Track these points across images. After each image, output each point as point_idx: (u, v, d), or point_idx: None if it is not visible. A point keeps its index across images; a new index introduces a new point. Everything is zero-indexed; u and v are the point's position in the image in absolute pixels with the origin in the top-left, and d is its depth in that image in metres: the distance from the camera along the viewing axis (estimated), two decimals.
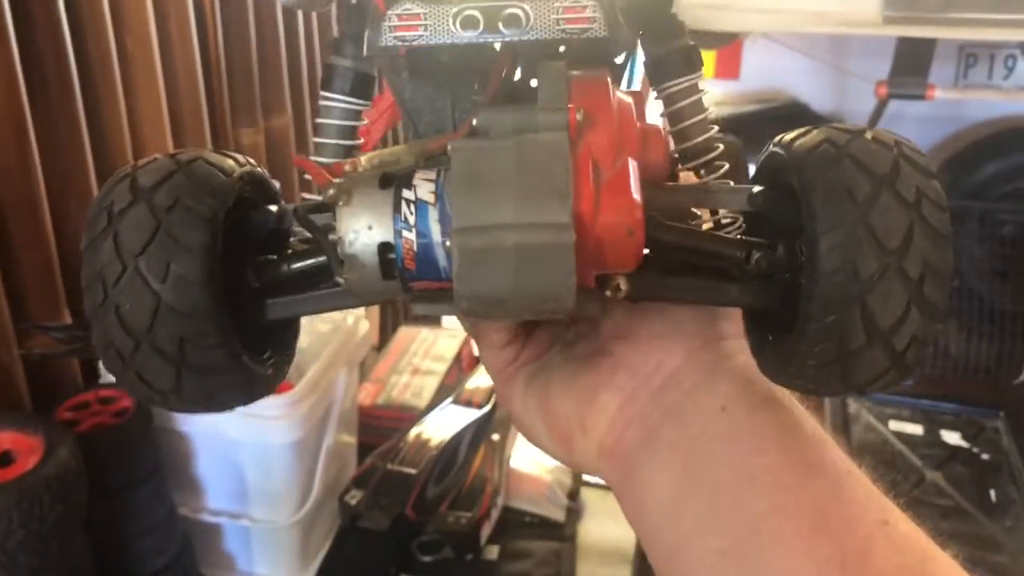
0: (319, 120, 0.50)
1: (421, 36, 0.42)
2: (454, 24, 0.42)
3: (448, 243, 0.39)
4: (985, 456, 2.05)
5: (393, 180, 0.42)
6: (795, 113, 2.74)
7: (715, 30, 2.14)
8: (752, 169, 0.52)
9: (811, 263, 0.38)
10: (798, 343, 0.40)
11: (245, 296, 0.45)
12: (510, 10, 0.42)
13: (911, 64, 2.13)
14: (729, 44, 2.53)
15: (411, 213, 0.41)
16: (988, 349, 2.34)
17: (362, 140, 0.51)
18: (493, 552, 1.37)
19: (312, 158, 0.49)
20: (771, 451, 0.44)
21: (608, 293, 0.43)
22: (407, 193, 0.41)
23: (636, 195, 0.39)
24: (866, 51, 2.51)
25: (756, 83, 2.79)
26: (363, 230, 0.41)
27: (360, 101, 0.50)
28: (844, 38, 2.45)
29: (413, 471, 1.39)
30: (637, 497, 0.48)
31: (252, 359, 0.45)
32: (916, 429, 2.13)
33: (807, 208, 0.38)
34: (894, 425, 2.13)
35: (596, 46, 0.43)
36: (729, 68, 2.75)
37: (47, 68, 1.20)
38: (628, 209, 0.39)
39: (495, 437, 1.49)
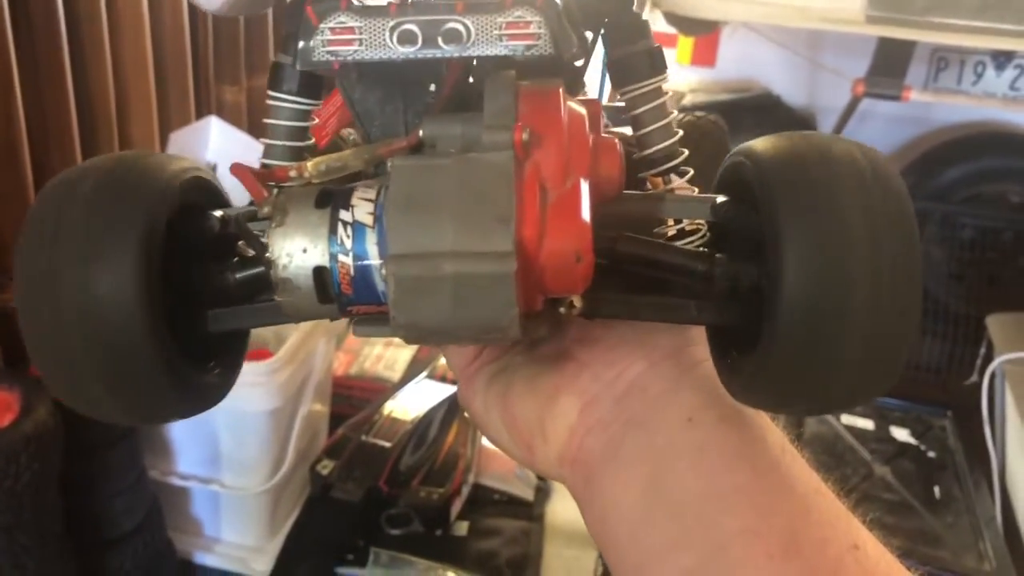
0: (267, 120, 0.47)
1: (356, 51, 0.40)
2: (391, 39, 0.40)
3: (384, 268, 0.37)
4: (932, 454, 2.09)
5: (331, 199, 0.40)
6: (768, 104, 2.75)
7: (698, 17, 2.13)
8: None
9: (775, 286, 0.37)
10: (762, 366, 0.38)
11: (188, 305, 0.42)
12: (450, 25, 0.40)
13: (889, 64, 2.14)
14: (709, 32, 2.53)
15: (348, 236, 0.39)
16: (940, 350, 2.38)
17: (313, 140, 0.48)
18: (462, 528, 1.37)
19: (262, 160, 0.47)
20: (740, 468, 0.42)
21: (562, 310, 0.42)
22: (344, 214, 0.39)
23: (585, 217, 0.37)
24: (842, 47, 2.53)
25: (731, 72, 2.80)
26: (297, 253, 0.39)
27: (309, 101, 0.47)
28: (822, 33, 2.46)
29: (387, 444, 1.39)
30: (599, 508, 0.46)
31: (193, 370, 0.42)
32: (867, 424, 2.17)
33: (771, 228, 0.37)
34: (846, 419, 2.17)
35: (543, 61, 0.41)
36: (705, 55, 2.75)
37: (35, 14, 1.17)
38: (576, 233, 0.37)
39: (468, 414, 1.49)
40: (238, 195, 0.46)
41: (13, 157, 1.15)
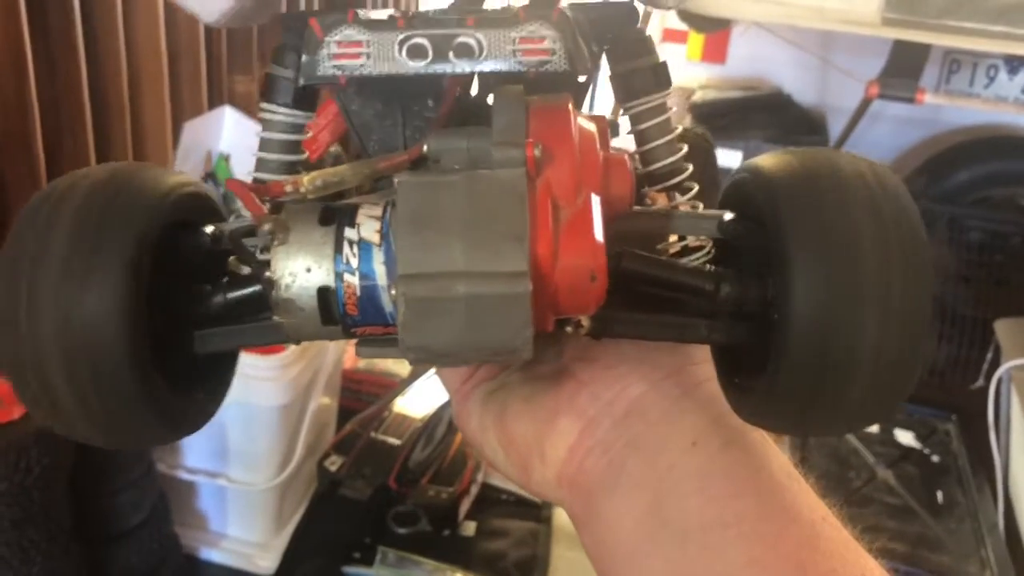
0: (260, 134, 0.46)
1: (363, 65, 0.39)
2: (400, 52, 0.39)
3: (393, 289, 0.36)
4: (935, 458, 2.09)
5: (335, 216, 0.38)
6: (778, 103, 2.74)
7: (713, 16, 2.12)
8: (720, 162, 0.50)
9: (784, 309, 0.36)
10: (769, 390, 0.37)
11: (176, 325, 0.41)
12: (461, 39, 0.39)
13: (904, 66, 2.14)
14: (720, 30, 2.52)
15: (353, 255, 0.37)
16: (946, 353, 2.38)
17: (307, 154, 0.47)
18: (470, 528, 1.37)
19: (254, 174, 0.45)
20: (746, 495, 0.41)
21: (568, 330, 0.41)
22: (350, 232, 0.38)
23: (599, 236, 0.36)
24: (853, 48, 2.52)
25: (742, 69, 2.79)
26: (300, 272, 0.38)
27: (304, 113, 0.46)
28: (834, 33, 2.45)
29: (397, 442, 1.38)
30: (598, 533, 0.44)
31: (176, 394, 0.40)
32: (871, 427, 2.17)
33: (780, 253, 0.36)
34: None
35: (555, 77, 0.40)
36: (716, 52, 2.75)
37: (49, 3, 1.15)
38: (590, 252, 0.36)
39: (463, 434, 1.48)
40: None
41: (26, 145, 1.13)
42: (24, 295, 0.36)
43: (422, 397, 1.50)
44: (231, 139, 1.37)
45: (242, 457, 1.28)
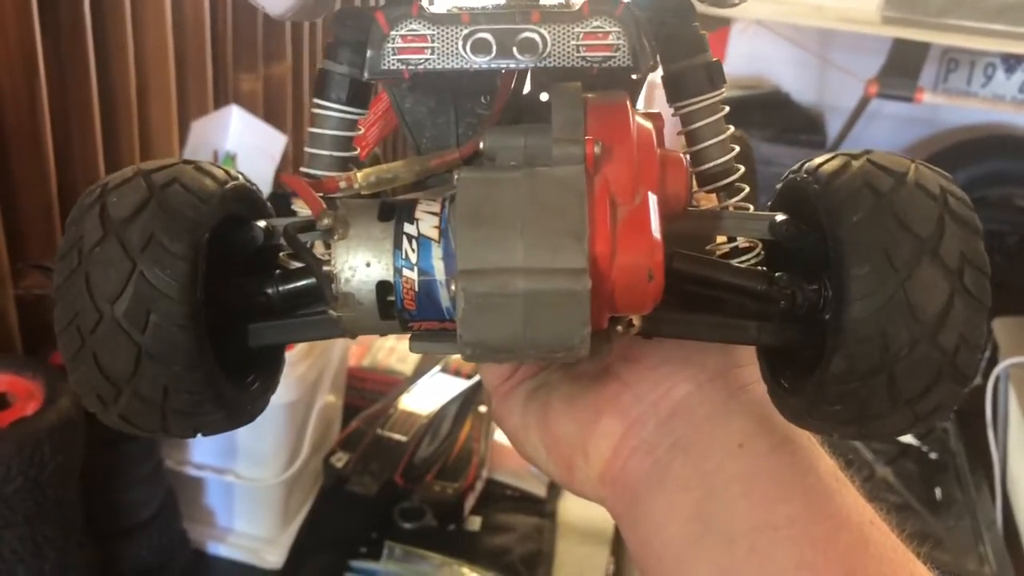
0: (312, 129, 0.46)
1: (427, 60, 0.39)
2: (464, 48, 0.39)
3: (452, 284, 0.36)
4: (933, 455, 2.09)
5: (394, 211, 0.39)
6: (777, 102, 2.75)
7: (713, 14, 2.13)
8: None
9: (838, 316, 0.36)
10: (818, 392, 0.38)
11: (230, 319, 0.42)
12: (526, 34, 0.39)
13: (903, 65, 2.15)
14: (719, 28, 2.52)
15: (413, 250, 0.38)
16: None
17: (358, 150, 0.47)
18: (475, 524, 1.37)
19: (304, 170, 0.46)
20: (794, 498, 0.41)
21: (619, 329, 0.41)
22: (409, 228, 0.38)
23: (656, 233, 0.36)
24: (852, 47, 2.53)
25: (741, 68, 2.79)
26: (360, 267, 0.38)
27: (356, 110, 0.46)
28: (833, 32, 2.46)
29: (403, 438, 1.38)
30: (643, 534, 0.45)
31: (236, 391, 0.42)
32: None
33: (839, 265, 0.36)
34: None
35: (618, 73, 0.40)
36: (715, 51, 2.73)
37: (60, 2, 1.16)
38: (648, 250, 0.36)
39: (482, 409, 1.48)
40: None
41: (36, 145, 1.14)
42: (88, 325, 0.37)
43: (427, 394, 1.50)
44: (237, 138, 1.37)
45: (249, 453, 1.29)
